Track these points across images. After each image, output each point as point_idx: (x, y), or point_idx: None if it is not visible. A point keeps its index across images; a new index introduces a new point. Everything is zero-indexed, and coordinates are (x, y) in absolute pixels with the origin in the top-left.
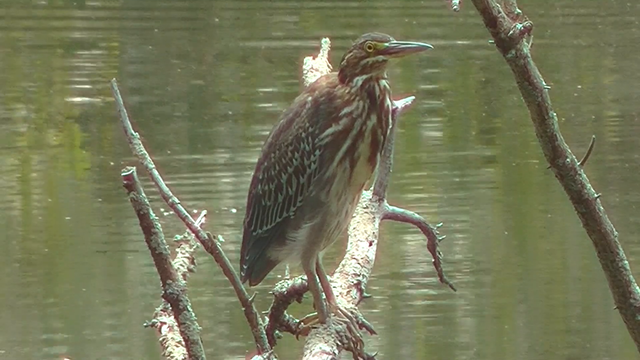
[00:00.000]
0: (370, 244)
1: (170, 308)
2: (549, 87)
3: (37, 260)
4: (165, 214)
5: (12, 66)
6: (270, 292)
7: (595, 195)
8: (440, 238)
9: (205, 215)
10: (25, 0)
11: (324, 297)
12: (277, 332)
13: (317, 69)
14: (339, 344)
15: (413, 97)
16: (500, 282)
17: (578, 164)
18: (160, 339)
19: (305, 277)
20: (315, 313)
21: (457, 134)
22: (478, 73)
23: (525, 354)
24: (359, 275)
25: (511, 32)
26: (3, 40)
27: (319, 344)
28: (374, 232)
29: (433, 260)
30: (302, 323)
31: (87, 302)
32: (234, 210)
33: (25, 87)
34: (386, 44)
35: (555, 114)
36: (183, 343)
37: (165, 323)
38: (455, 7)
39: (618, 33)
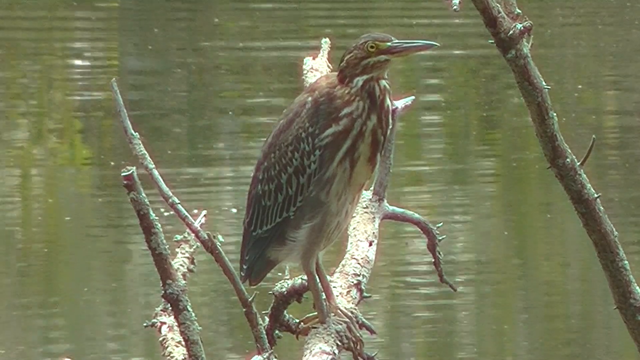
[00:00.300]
0: (370, 244)
1: (170, 308)
2: (549, 87)
3: (37, 261)
4: (166, 214)
5: (11, 72)
6: (270, 292)
7: (595, 195)
8: (440, 238)
9: (205, 216)
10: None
11: (324, 297)
12: (277, 332)
13: (317, 69)
14: (339, 344)
15: (413, 97)
16: (500, 282)
17: (578, 164)
18: (160, 339)
19: (305, 277)
20: (315, 313)
21: (457, 135)
22: (478, 77)
23: (525, 354)
24: (359, 275)
25: (511, 32)
26: (3, 44)
27: (319, 344)
28: (374, 232)
29: (433, 260)
30: (302, 323)
31: (87, 302)
32: (234, 211)
33: (24, 93)
34: (388, 44)
35: (555, 114)
36: (183, 343)
37: (165, 323)
38: (455, 7)
39: (618, 34)
